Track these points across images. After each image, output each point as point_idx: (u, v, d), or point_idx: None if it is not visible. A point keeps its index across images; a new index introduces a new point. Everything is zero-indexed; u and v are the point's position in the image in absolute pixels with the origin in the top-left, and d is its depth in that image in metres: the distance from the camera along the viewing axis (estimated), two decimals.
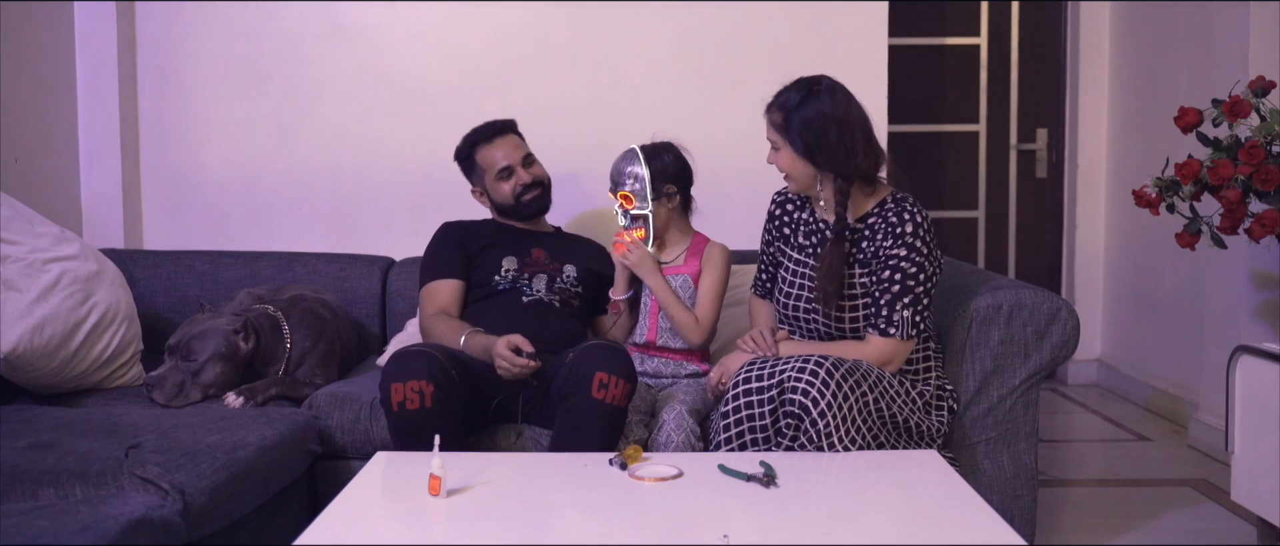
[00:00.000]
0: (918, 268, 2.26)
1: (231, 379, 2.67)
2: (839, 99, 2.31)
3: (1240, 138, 2.85)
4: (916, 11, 4.71)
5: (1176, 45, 4.06)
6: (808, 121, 2.29)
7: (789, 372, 2.16)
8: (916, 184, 4.79)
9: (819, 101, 2.30)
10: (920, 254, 2.26)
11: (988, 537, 1.70)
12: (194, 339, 2.65)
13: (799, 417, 2.13)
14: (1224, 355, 2.85)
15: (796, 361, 2.17)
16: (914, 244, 2.26)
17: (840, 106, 2.30)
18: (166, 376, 2.62)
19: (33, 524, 1.72)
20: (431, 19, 3.53)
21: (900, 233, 2.27)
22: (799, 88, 2.33)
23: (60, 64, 3.41)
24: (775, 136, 2.35)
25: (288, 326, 2.82)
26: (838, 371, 2.14)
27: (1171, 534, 2.88)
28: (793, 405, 2.13)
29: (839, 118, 2.29)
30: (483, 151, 2.95)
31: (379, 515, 1.92)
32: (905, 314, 2.25)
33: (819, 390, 2.11)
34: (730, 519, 1.82)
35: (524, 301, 2.78)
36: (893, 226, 2.28)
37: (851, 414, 2.13)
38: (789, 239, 2.50)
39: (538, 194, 2.95)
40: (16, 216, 2.72)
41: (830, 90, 2.32)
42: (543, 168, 2.99)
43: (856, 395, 2.15)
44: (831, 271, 2.30)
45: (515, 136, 2.99)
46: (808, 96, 2.30)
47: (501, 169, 2.91)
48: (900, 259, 2.26)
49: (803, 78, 2.36)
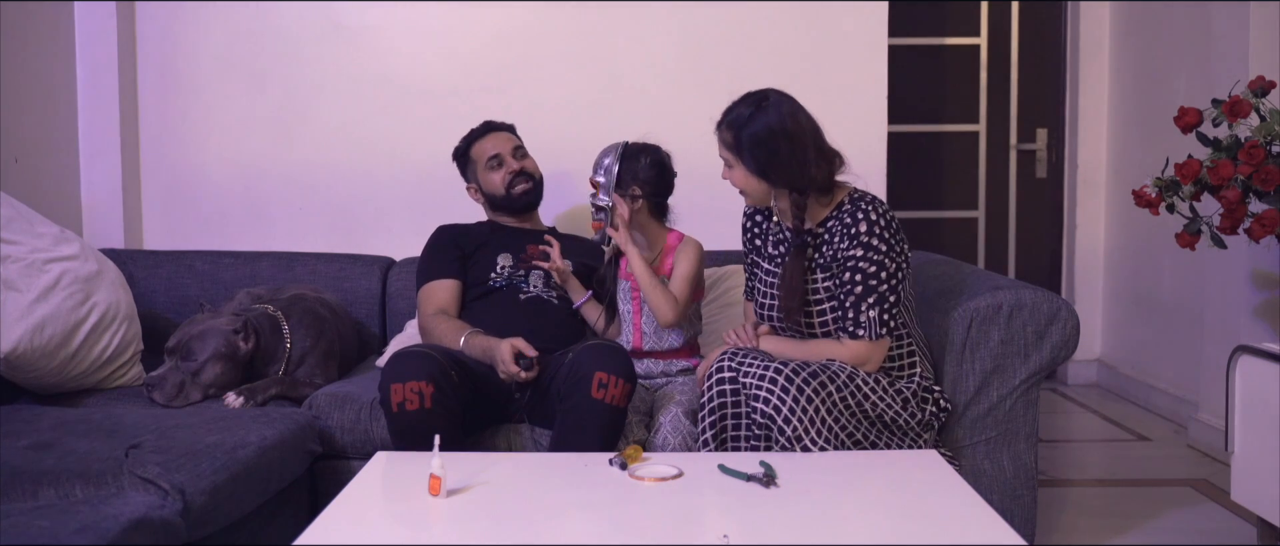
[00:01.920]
0: (877, 266, 2.25)
1: (231, 379, 2.67)
2: (786, 112, 2.29)
3: (1240, 138, 2.85)
4: (916, 11, 4.71)
5: (1176, 45, 4.06)
6: (757, 138, 2.27)
7: (751, 381, 2.18)
8: (916, 184, 4.79)
9: (767, 116, 2.28)
10: (878, 252, 2.25)
11: (988, 537, 1.70)
12: (194, 339, 2.65)
13: (765, 427, 2.15)
14: (1224, 355, 2.85)
15: (757, 368, 2.18)
16: (870, 242, 2.25)
17: (788, 120, 2.28)
18: (166, 377, 2.62)
19: (33, 524, 1.72)
20: (431, 19, 3.53)
21: (855, 234, 2.26)
22: (747, 103, 2.32)
23: (60, 64, 3.41)
24: (727, 154, 2.34)
25: (288, 326, 2.81)
26: (799, 376, 2.14)
27: (1171, 534, 2.88)
28: (755, 414, 2.15)
29: (788, 131, 2.27)
30: (476, 145, 2.99)
31: (379, 515, 1.92)
32: (871, 314, 2.24)
33: (779, 398, 2.12)
34: (730, 519, 1.82)
35: (521, 298, 2.78)
36: (847, 228, 2.27)
37: (819, 416, 2.14)
38: (760, 250, 2.51)
39: (528, 187, 2.96)
40: (16, 216, 2.71)
41: (778, 104, 2.30)
42: (534, 163, 3.01)
43: (823, 396, 2.15)
44: (791, 286, 2.30)
45: (510, 134, 3.03)
46: (756, 112, 2.29)
47: (491, 157, 2.94)
48: (857, 260, 2.25)
49: (750, 93, 2.35)
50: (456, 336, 2.60)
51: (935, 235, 4.85)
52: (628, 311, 2.71)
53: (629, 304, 2.70)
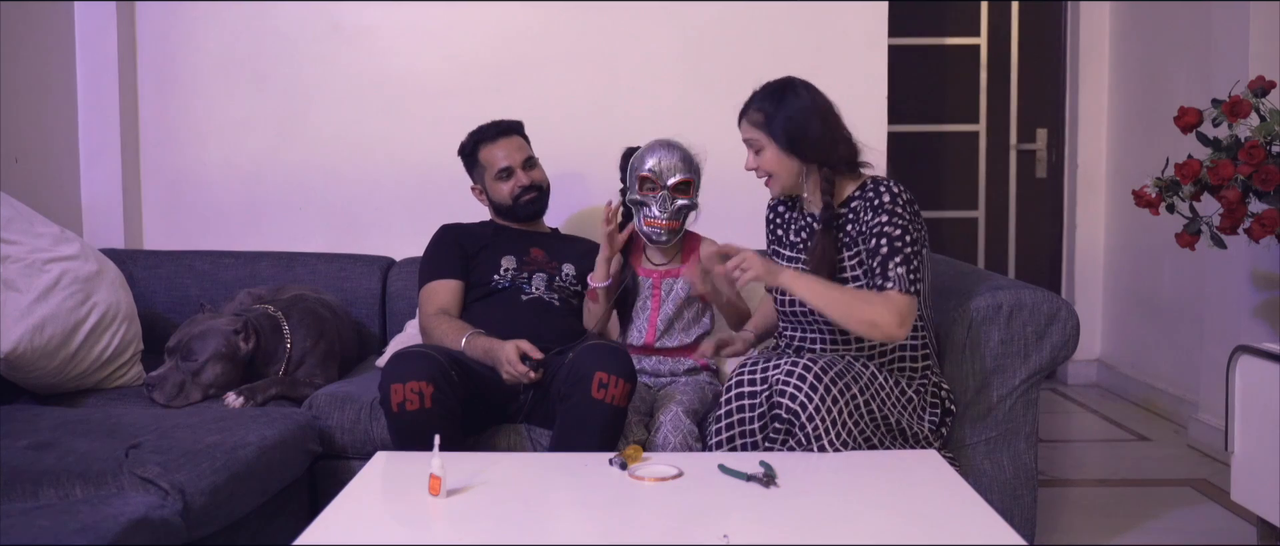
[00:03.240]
0: (901, 229, 2.28)
1: (232, 379, 2.67)
2: (815, 94, 2.38)
3: (1240, 138, 2.85)
4: (916, 11, 4.71)
5: (1176, 45, 4.06)
6: (790, 117, 2.33)
7: (778, 377, 2.17)
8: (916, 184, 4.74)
9: (797, 98, 2.35)
10: (902, 217, 2.29)
11: (988, 537, 1.70)
12: (194, 339, 2.65)
13: (789, 422, 2.15)
14: (1224, 355, 2.85)
15: (785, 365, 2.18)
16: (894, 209, 2.29)
17: (818, 100, 2.37)
18: (167, 376, 2.62)
19: (33, 524, 1.72)
20: (431, 19, 3.53)
21: (879, 205, 2.30)
22: (774, 88, 2.38)
23: (60, 64, 3.41)
24: (758, 135, 2.38)
25: (288, 326, 2.81)
26: (826, 374, 2.14)
27: (1171, 534, 2.88)
28: (781, 409, 2.15)
29: (819, 109, 2.35)
30: (485, 150, 2.95)
31: (379, 515, 1.91)
32: (899, 270, 2.26)
33: (806, 394, 2.12)
34: (730, 519, 1.82)
35: (523, 300, 2.78)
36: (871, 200, 2.32)
37: (841, 416, 2.14)
38: (782, 240, 2.53)
39: (534, 198, 2.94)
40: (16, 216, 2.71)
41: (805, 87, 2.38)
42: (543, 172, 2.99)
43: (847, 398, 2.16)
44: (823, 257, 2.32)
45: (520, 138, 2.99)
46: (785, 94, 2.36)
47: (501, 169, 2.92)
48: (883, 225, 2.29)
49: (771, 81, 2.41)
50: (458, 337, 2.60)
51: (935, 235, 4.85)
52: (644, 307, 2.71)
53: (648, 299, 2.71)
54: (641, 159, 2.69)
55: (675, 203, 2.66)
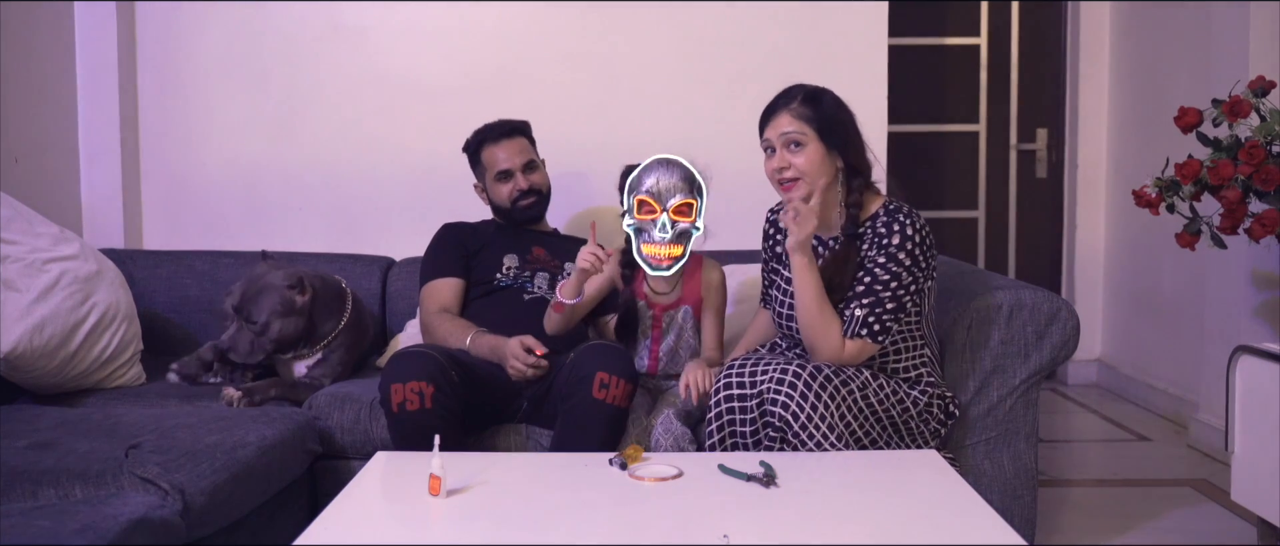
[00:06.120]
0: (891, 276, 2.23)
1: (297, 332, 2.76)
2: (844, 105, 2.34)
3: (1240, 138, 2.85)
4: (916, 11, 4.71)
5: (1176, 45, 4.06)
6: (836, 116, 2.28)
7: (768, 384, 2.15)
8: (916, 184, 4.79)
9: (835, 102, 2.32)
10: (900, 265, 2.23)
11: (988, 537, 1.70)
12: (252, 299, 2.73)
13: (781, 431, 2.14)
14: (1224, 355, 2.85)
15: (775, 371, 2.16)
16: (897, 256, 2.24)
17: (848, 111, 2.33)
18: (237, 338, 2.72)
19: (33, 524, 1.72)
20: (431, 19, 3.53)
21: (885, 244, 2.25)
22: (810, 88, 2.33)
23: (60, 64, 3.41)
24: (803, 129, 2.25)
25: (350, 302, 2.90)
26: (816, 379, 2.13)
27: (1171, 534, 2.88)
28: (772, 418, 2.14)
29: (852, 120, 2.33)
30: (488, 150, 2.94)
31: (379, 515, 1.91)
32: (858, 313, 2.22)
33: (798, 403, 2.11)
34: (730, 519, 1.81)
35: (526, 299, 2.78)
36: (880, 237, 2.27)
37: (833, 418, 2.12)
38: (783, 257, 2.45)
39: (533, 202, 2.93)
40: (16, 216, 2.72)
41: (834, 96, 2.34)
42: (545, 175, 2.98)
43: (841, 396, 2.14)
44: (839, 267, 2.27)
45: (524, 140, 2.97)
46: (822, 96, 2.31)
47: (501, 171, 2.91)
48: (876, 265, 2.24)
49: (798, 84, 2.34)
50: (462, 335, 2.60)
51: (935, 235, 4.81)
52: (645, 334, 2.61)
53: (648, 328, 2.60)
54: (639, 179, 2.39)
55: (676, 227, 2.37)
